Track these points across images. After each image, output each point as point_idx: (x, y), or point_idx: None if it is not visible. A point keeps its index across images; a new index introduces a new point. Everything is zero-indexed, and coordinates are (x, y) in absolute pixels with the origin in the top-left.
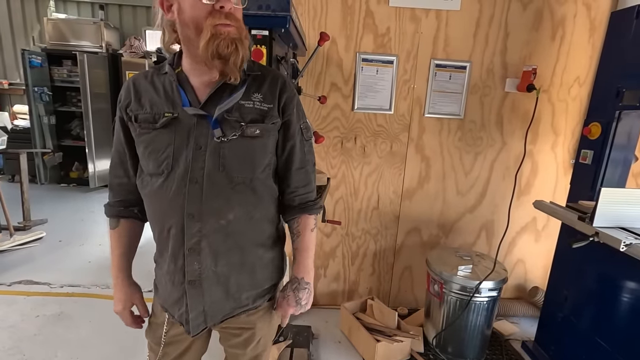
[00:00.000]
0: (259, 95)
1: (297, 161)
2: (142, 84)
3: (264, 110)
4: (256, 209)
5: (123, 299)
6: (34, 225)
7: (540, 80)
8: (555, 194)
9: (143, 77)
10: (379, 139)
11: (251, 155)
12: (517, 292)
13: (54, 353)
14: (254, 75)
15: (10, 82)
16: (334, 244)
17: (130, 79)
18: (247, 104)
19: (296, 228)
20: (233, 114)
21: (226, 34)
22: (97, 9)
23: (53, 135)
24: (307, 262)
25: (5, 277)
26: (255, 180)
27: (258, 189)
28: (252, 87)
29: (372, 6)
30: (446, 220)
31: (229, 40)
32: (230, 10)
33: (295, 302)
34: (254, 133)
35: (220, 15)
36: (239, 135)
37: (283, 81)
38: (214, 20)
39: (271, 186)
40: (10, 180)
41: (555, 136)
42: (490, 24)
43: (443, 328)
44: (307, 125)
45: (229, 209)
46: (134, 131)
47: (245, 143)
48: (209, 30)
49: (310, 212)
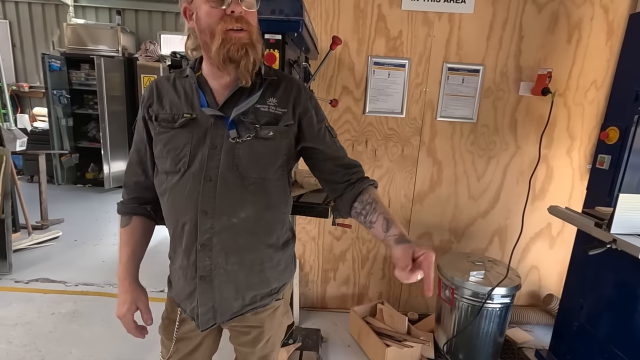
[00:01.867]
0: (274, 99)
1: (336, 154)
2: (165, 86)
3: (279, 114)
4: (267, 210)
5: (128, 301)
6: (51, 225)
7: (556, 84)
8: (570, 200)
9: (166, 80)
10: (390, 143)
11: (264, 156)
12: (531, 299)
13: (68, 350)
14: (270, 79)
15: (30, 85)
16: (344, 247)
17: (153, 81)
18: (262, 107)
19: (367, 199)
20: (248, 116)
21: (236, 40)
22: (114, 14)
23: (70, 137)
24: (397, 221)
25: (24, 274)
26: (267, 180)
27: (270, 189)
28: (268, 91)
29: (384, 10)
30: (458, 225)
31: (239, 45)
32: (241, 14)
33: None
34: (267, 135)
35: (231, 20)
36: (253, 136)
37: (298, 87)
38: (225, 25)
39: (284, 187)
40: (29, 181)
41: (571, 140)
42: (504, 27)
43: (454, 334)
44: (330, 125)
45: (240, 207)
46: (154, 130)
47: (259, 144)
48: (220, 35)
49: (373, 183)
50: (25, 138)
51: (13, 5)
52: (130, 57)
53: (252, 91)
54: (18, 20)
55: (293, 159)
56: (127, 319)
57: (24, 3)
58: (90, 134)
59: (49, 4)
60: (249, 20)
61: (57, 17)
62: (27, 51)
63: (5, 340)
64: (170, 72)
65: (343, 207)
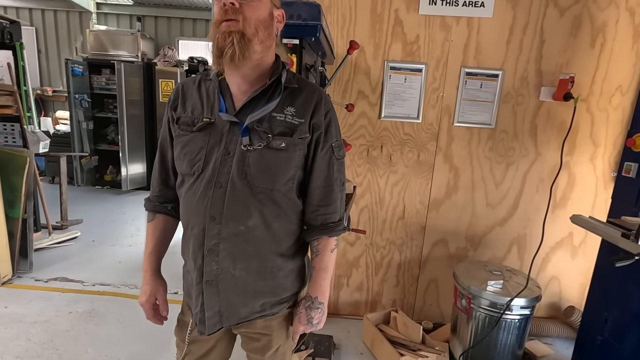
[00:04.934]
0: (292, 108)
1: (322, 178)
2: (190, 89)
3: (294, 125)
4: (276, 220)
5: (148, 292)
6: (70, 225)
7: (579, 89)
8: (594, 209)
9: (192, 82)
10: (406, 148)
11: (274, 167)
12: (551, 311)
13: (84, 349)
14: (291, 88)
15: (54, 90)
16: (357, 253)
17: (180, 83)
18: (278, 116)
19: (316, 247)
20: (263, 124)
21: (225, 27)
22: (134, 21)
23: (90, 140)
24: (323, 282)
25: (43, 273)
26: (275, 192)
27: (279, 200)
28: (287, 100)
29: (401, 15)
30: (475, 233)
31: (226, 33)
32: (233, 5)
33: (307, 320)
34: (280, 146)
35: (224, 11)
36: (264, 146)
37: (319, 97)
38: (217, 18)
39: (293, 200)
40: (50, 182)
41: (595, 147)
42: (525, 31)
43: (471, 345)
44: (340, 144)
45: (248, 215)
46: (174, 132)
47: (270, 154)
48: (213, 27)
49: (331, 233)
50: (48, 140)
51: (39, 12)
52: (149, 62)
53: (270, 98)
54: (44, 27)
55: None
56: (146, 308)
57: (50, 10)
58: (109, 137)
59: (73, 11)
60: (243, 12)
61: (81, 24)
62: (52, 57)
63: (24, 338)
64: (196, 74)
65: (305, 233)
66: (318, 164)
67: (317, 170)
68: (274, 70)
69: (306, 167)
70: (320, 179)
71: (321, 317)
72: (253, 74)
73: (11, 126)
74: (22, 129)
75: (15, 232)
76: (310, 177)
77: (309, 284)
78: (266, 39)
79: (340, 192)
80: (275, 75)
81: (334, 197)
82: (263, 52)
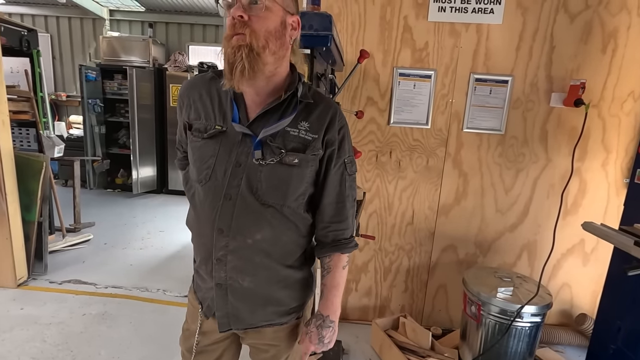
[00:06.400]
0: (306, 124)
1: (334, 195)
2: (198, 90)
3: (308, 140)
4: (285, 234)
5: None
6: (83, 228)
7: (590, 95)
8: (606, 215)
9: (201, 82)
10: (415, 154)
11: (285, 183)
12: (562, 319)
13: (97, 351)
14: (306, 102)
15: (68, 95)
16: (366, 259)
17: (187, 84)
18: (292, 131)
19: (327, 264)
20: (276, 140)
21: (235, 42)
22: (146, 27)
23: (102, 144)
24: (335, 300)
25: (57, 275)
26: (285, 207)
27: (288, 215)
28: (302, 114)
29: (410, 21)
30: (484, 239)
31: (236, 48)
32: (238, 18)
33: (318, 339)
34: (292, 162)
35: (233, 25)
36: (277, 161)
37: (334, 113)
38: (227, 33)
39: (302, 215)
40: (63, 185)
41: (607, 153)
42: (535, 37)
43: (480, 352)
44: (352, 160)
45: (257, 229)
46: (188, 137)
47: (282, 170)
48: (224, 42)
49: (343, 250)
50: (63, 145)
51: (54, 19)
52: (160, 67)
53: (285, 112)
54: (58, 33)
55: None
56: None
57: (65, 17)
58: (120, 141)
59: (87, 18)
60: (252, 24)
61: (94, 31)
62: (66, 62)
63: (40, 339)
64: (208, 71)
65: (315, 250)
66: (330, 180)
67: (329, 186)
68: (289, 83)
69: (317, 182)
70: (332, 195)
71: (332, 336)
72: (267, 86)
73: (27, 131)
74: (38, 134)
75: (31, 235)
76: (322, 194)
77: (320, 301)
78: (278, 49)
79: (352, 209)
80: (291, 89)
81: (346, 214)
82: (276, 63)
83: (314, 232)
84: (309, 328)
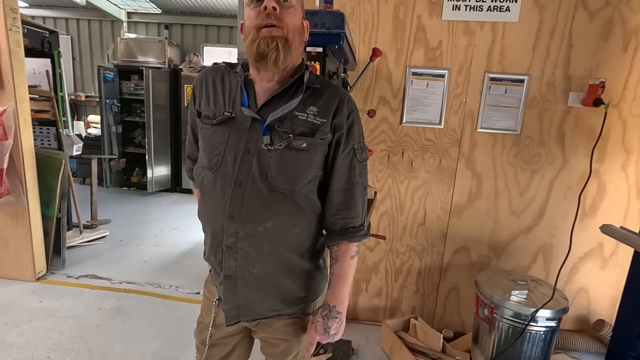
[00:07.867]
0: (314, 108)
1: (343, 181)
2: (211, 79)
3: (316, 124)
4: (296, 222)
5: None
6: (100, 225)
7: (610, 94)
8: (626, 218)
9: (214, 72)
10: (427, 154)
11: (294, 168)
12: (579, 324)
13: (112, 344)
14: (313, 87)
15: (86, 95)
16: (377, 259)
17: (202, 74)
18: (300, 115)
19: (335, 253)
20: (284, 124)
21: (267, 32)
22: (162, 29)
23: (119, 143)
24: (342, 290)
25: (75, 270)
26: (296, 193)
27: (299, 202)
28: (309, 99)
29: (423, 20)
30: (498, 241)
31: (269, 38)
32: (274, 11)
33: (324, 330)
34: (301, 146)
35: (263, 16)
36: (285, 146)
37: (342, 97)
38: (257, 22)
39: (314, 201)
40: (81, 183)
41: (627, 155)
42: (552, 35)
43: (493, 356)
44: (362, 146)
45: (267, 217)
46: (198, 124)
47: (291, 155)
48: (252, 32)
49: (352, 239)
50: (81, 143)
51: (75, 22)
52: (175, 68)
53: (292, 97)
54: (78, 35)
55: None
56: None
57: (85, 20)
58: (136, 140)
59: (106, 20)
60: (283, 17)
61: (112, 32)
62: (85, 63)
63: (57, 331)
64: (219, 63)
65: (324, 238)
66: (339, 166)
67: (337, 172)
68: (296, 69)
69: (326, 167)
70: (341, 182)
71: (339, 327)
72: (280, 76)
73: (47, 130)
74: (57, 132)
75: (50, 230)
76: (330, 180)
77: (327, 291)
78: (299, 46)
79: (362, 196)
80: (297, 74)
81: (355, 201)
82: (296, 59)
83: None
84: (315, 318)
